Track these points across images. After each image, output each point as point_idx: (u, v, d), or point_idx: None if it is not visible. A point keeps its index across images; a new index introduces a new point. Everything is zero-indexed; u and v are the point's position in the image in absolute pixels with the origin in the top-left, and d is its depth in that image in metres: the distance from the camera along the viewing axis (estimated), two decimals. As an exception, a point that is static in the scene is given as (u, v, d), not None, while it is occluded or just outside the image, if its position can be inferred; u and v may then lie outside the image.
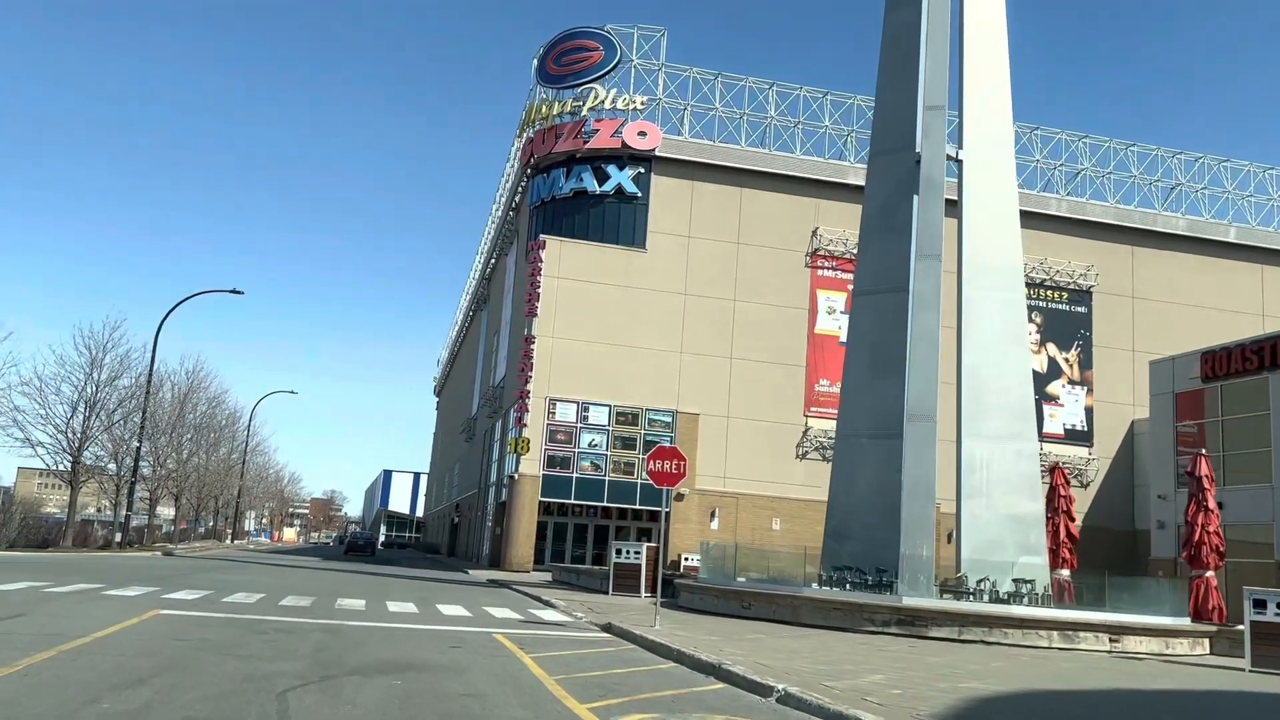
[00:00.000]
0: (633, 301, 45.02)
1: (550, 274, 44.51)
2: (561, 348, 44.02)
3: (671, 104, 46.57)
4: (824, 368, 46.49)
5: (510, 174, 58.32)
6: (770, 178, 47.02)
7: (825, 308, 47.09)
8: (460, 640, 13.26)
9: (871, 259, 24.02)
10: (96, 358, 39.56)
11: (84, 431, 39.49)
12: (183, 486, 58.98)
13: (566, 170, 46.75)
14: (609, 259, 45.36)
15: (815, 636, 16.12)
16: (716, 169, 46.61)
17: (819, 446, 45.69)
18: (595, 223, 46.36)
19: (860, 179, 48.98)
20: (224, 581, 22.80)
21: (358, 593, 21.73)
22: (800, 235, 47.16)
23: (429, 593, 23.64)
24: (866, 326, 23.65)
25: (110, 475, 46.03)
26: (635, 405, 44.38)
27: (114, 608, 14.52)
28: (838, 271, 47.34)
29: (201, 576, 24.50)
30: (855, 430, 23.40)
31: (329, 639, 12.42)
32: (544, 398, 43.60)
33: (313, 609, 16.64)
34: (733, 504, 44.59)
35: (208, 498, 69.51)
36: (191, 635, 11.87)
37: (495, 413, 54.20)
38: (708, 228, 46.29)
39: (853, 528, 22.59)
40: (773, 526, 44.73)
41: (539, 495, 43.11)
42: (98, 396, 39.67)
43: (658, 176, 46.23)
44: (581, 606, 20.24)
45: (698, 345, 45.18)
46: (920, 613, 17.14)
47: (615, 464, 43.92)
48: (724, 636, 14.92)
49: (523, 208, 52.96)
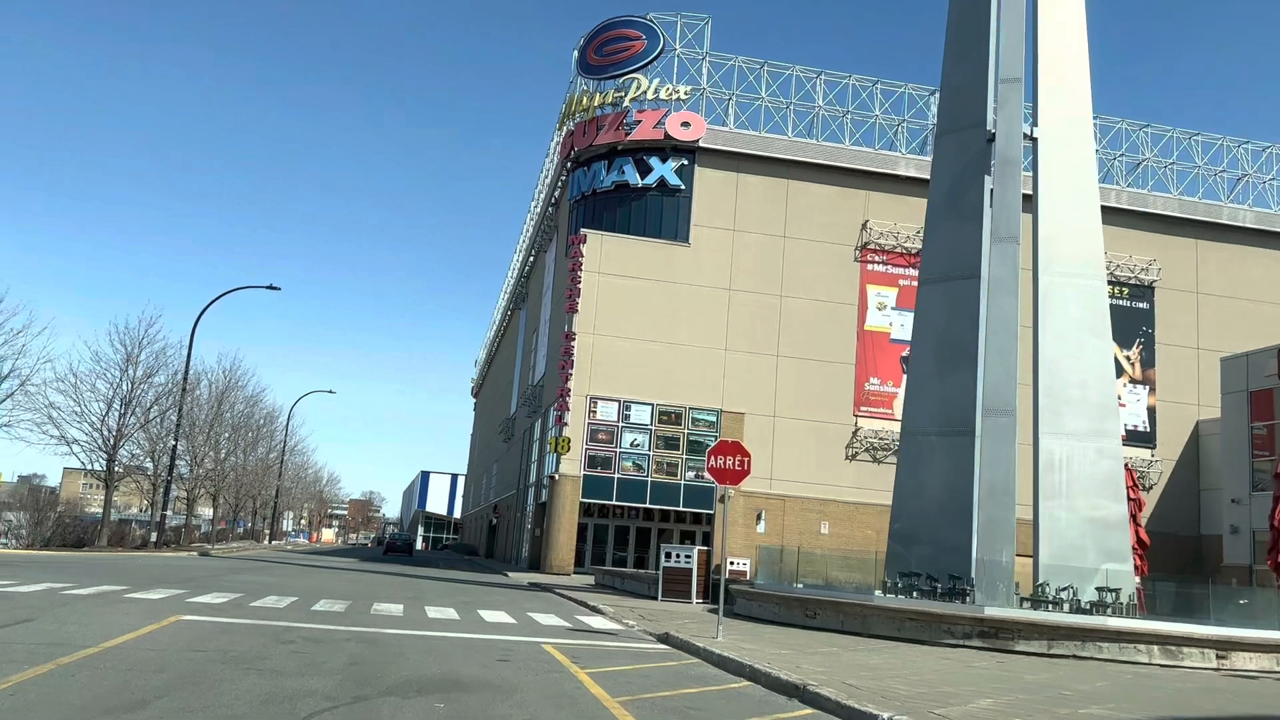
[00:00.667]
0: (675, 297, 43.70)
1: (591, 269, 43.31)
2: (603, 345, 42.80)
3: (716, 94, 45.20)
4: (874, 365, 44.87)
5: (549, 169, 57.25)
6: (818, 169, 45.49)
7: (875, 303, 45.45)
8: (508, 652, 12.02)
9: (939, 244, 22.51)
10: (132, 354, 39.02)
11: (119, 429, 38.89)
12: (220, 486, 58.53)
13: (608, 163, 45.53)
14: (651, 253, 44.07)
15: (891, 650, 14.69)
16: (762, 160, 45.16)
17: (869, 448, 44.10)
18: (637, 216, 45.11)
19: (912, 170, 47.51)
20: (256, 584, 21.78)
21: (395, 596, 20.60)
22: (849, 229, 45.56)
23: (469, 597, 22.49)
24: (934, 316, 22.15)
25: (147, 474, 45.50)
26: (678, 404, 43.05)
27: (132, 612, 13.46)
28: (888, 266, 45.71)
29: (233, 578, 23.52)
30: (921, 427, 21.91)
31: (363, 650, 11.23)
32: (585, 396, 42.40)
33: (347, 615, 15.49)
34: (779, 506, 43.10)
35: (245, 498, 69.15)
36: (211, 645, 10.72)
37: (534, 412, 53.12)
38: (753, 221, 44.85)
39: (920, 531, 21.11)
40: (821, 530, 43.18)
41: (580, 496, 41.91)
42: (133, 394, 39.10)
43: (701, 168, 44.88)
44: (631, 613, 18.95)
45: (743, 342, 43.76)
46: (1005, 624, 15.64)
47: (658, 464, 42.60)
48: (794, 649, 13.54)
49: (562, 202, 51.85)
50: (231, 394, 55.70)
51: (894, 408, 44.72)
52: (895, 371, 45.04)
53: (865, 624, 16.71)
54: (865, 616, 16.78)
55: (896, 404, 44.75)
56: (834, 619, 17.17)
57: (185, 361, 40.93)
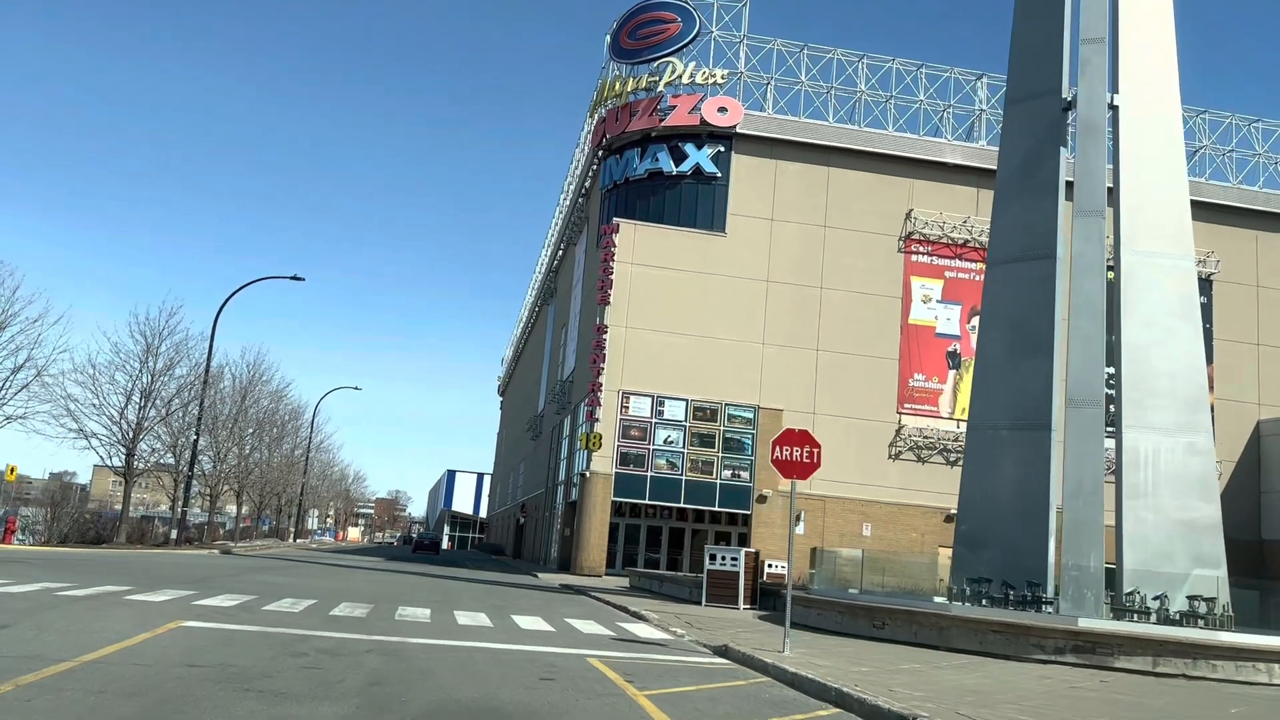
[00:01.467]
0: (711, 288, 42.04)
1: (623, 259, 41.74)
2: (635, 338, 41.22)
3: (754, 78, 43.49)
4: (918, 361, 42.99)
5: (580, 158, 55.74)
6: (860, 156, 43.67)
7: (920, 296, 43.57)
8: (551, 668, 10.45)
9: (1010, 222, 20.73)
10: (152, 345, 37.84)
11: (139, 423, 37.76)
12: (244, 483, 57.46)
13: (641, 150, 43.94)
14: (686, 243, 42.44)
15: (978, 667, 13.00)
16: (802, 147, 43.41)
17: (913, 447, 42.23)
18: (671, 205, 43.48)
19: (958, 157, 45.59)
20: (273, 584, 20.36)
21: (421, 599, 19.11)
22: (892, 218, 43.71)
23: (500, 600, 20.97)
24: (1004, 300, 20.37)
25: (169, 470, 44.40)
26: (714, 400, 41.39)
27: (128, 617, 12.01)
28: (933, 257, 43.81)
29: (250, 578, 22.13)
30: (991, 421, 20.15)
31: (386, 665, 9.70)
32: (617, 391, 40.83)
33: (368, 621, 13.99)
34: (819, 507, 41.32)
35: (270, 495, 68.15)
36: (209, 659, 9.22)
37: (563, 409, 51.63)
38: (792, 210, 43.11)
39: (990, 534, 19.36)
40: (863, 532, 41.37)
41: (611, 495, 40.33)
42: (153, 386, 37.93)
43: (738, 155, 43.19)
44: (677, 620, 17.33)
45: (781, 336, 42.03)
46: (1103, 639, 13.89)
47: (693, 463, 40.96)
48: (874, 666, 11.88)
49: (593, 192, 50.33)
50: (256, 388, 54.60)
51: (939, 405, 42.88)
52: (940, 367, 43.19)
53: (942, 636, 15.00)
54: (942, 628, 15.06)
55: (942, 401, 42.91)
56: (905, 630, 15.46)
57: (207, 353, 39.76)
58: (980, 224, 43.81)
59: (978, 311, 45.55)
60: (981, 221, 43.87)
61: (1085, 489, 17.55)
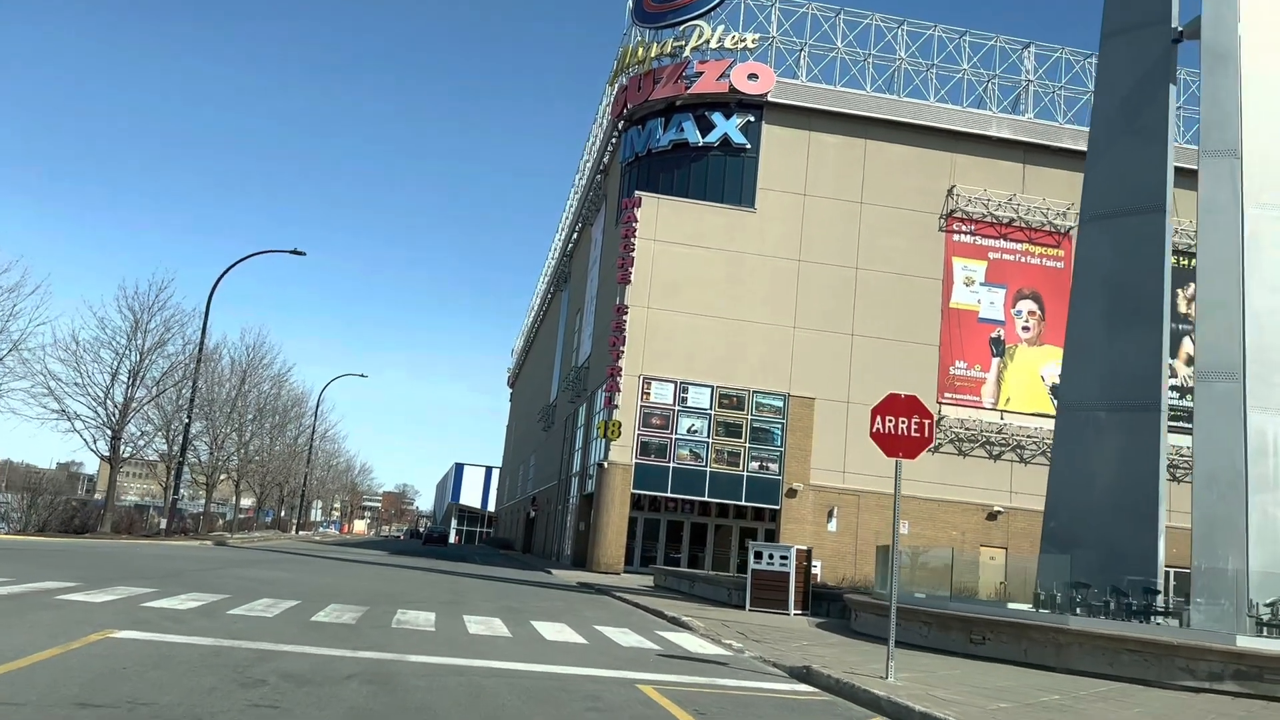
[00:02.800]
0: (739, 268, 39.29)
1: (645, 236, 39.01)
2: (657, 320, 38.50)
3: (786, 44, 40.68)
4: (960, 347, 40.16)
5: (598, 133, 53.01)
6: (899, 128, 40.83)
7: (962, 278, 40.73)
8: (594, 702, 7.77)
9: (1108, 171, 17.98)
10: (141, 321, 35.22)
11: (126, 404, 35.18)
12: (243, 472, 54.94)
13: (665, 120, 41.18)
14: (712, 219, 39.69)
15: (1126, 696, 10.28)
16: (837, 117, 40.60)
17: (954, 439, 39.41)
18: (697, 179, 40.72)
19: (1005, 131, 42.68)
20: (254, 581, 17.72)
21: (425, 600, 16.43)
22: (933, 194, 40.87)
23: (515, 601, 18.30)
24: (1101, 261, 17.62)
25: (162, 455, 41.85)
26: (741, 386, 38.64)
27: (45, 624, 9.36)
28: (977, 237, 40.96)
29: (231, 573, 19.50)
30: (1085, 401, 17.39)
31: (370, 701, 7.03)
32: (637, 376, 38.12)
33: (359, 629, 11.32)
34: (853, 502, 38.57)
35: (272, 485, 65.64)
36: (118, 692, 6.55)
37: (578, 396, 48.95)
38: (826, 184, 40.31)
39: (1084, 531, 16.63)
40: (900, 530, 38.50)
41: (631, 487, 37.63)
42: (142, 365, 35.33)
43: (769, 126, 40.39)
44: (726, 629, 14.64)
45: (814, 319, 39.25)
46: (1274, 663, 11.13)
47: (718, 453, 38.23)
48: (1014, 701, 9.15)
49: (613, 167, 47.60)
50: (256, 372, 52.02)
51: (981, 395, 40.06)
52: (983, 354, 40.35)
53: (1060, 655, 12.26)
54: (1060, 645, 12.31)
55: (984, 391, 40.10)
56: (1012, 647, 12.71)
57: (202, 329, 37.17)
58: (1027, 202, 41.01)
59: (1023, 295, 42.86)
60: (1028, 199, 41.06)
61: (1220, 479, 14.75)
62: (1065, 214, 40.95)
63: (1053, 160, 41.52)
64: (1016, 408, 40.11)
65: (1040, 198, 41.08)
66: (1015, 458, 39.82)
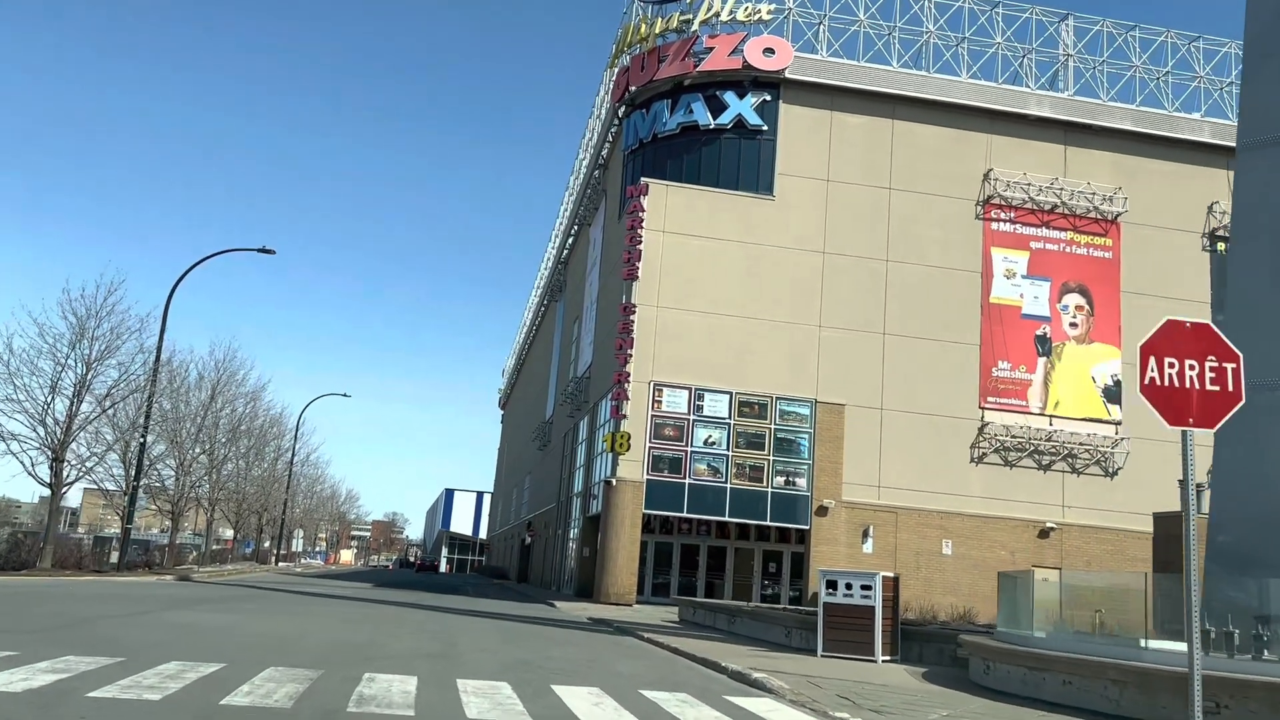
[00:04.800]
0: (758, 261, 35.46)
1: (654, 227, 35.17)
2: (669, 320, 34.60)
3: (804, 16, 37.04)
4: (1002, 346, 36.31)
5: (595, 127, 49.27)
6: (929, 106, 37.19)
7: (1002, 270, 36.93)
8: None
9: (1271, 87, 14.10)
10: (87, 327, 31.08)
11: (69, 420, 30.99)
12: (215, 499, 50.58)
13: (672, 102, 37.44)
14: (727, 208, 35.89)
15: None
16: (861, 95, 36.92)
17: (999, 448, 35.50)
18: (709, 165, 36.93)
19: (1045, 109, 38.94)
20: (183, 631, 13.60)
21: (405, 654, 12.34)
22: (968, 179, 37.18)
23: (522, 647, 14.21)
24: (1273, 199, 13.72)
25: (115, 479, 37.56)
26: (763, 392, 34.71)
27: None
28: (1017, 225, 37.22)
29: (158, 620, 15.35)
30: (1262, 378, 13.42)
31: None
32: (647, 382, 34.15)
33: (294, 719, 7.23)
34: (890, 520, 34.55)
35: (248, 513, 61.19)
36: None
37: (578, 410, 44.89)
38: (851, 169, 36.59)
39: (1266, 547, 12.68)
40: (943, 550, 34.60)
41: (642, 506, 33.54)
42: (88, 376, 31.16)
43: (788, 105, 36.69)
44: (821, 690, 10.59)
45: (841, 317, 35.41)
46: None
47: (739, 468, 34.21)
48: None
49: (613, 159, 43.82)
50: (229, 388, 47.81)
51: (1027, 399, 36.18)
52: (1028, 354, 36.50)
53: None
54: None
55: (1030, 394, 36.22)
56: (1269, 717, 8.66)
57: (159, 334, 33.08)
58: (1070, 186, 37.34)
59: (1070, 288, 39.03)
60: (1071, 184, 37.40)
61: None
62: (1112, 199, 37.33)
63: (1096, 141, 37.91)
64: (1066, 412, 36.23)
65: (1084, 182, 37.43)
66: (1066, 468, 35.90)
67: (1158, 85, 38.49)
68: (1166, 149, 38.17)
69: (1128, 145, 38.05)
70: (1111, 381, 36.60)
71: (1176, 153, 38.25)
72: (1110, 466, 35.99)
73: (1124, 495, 35.52)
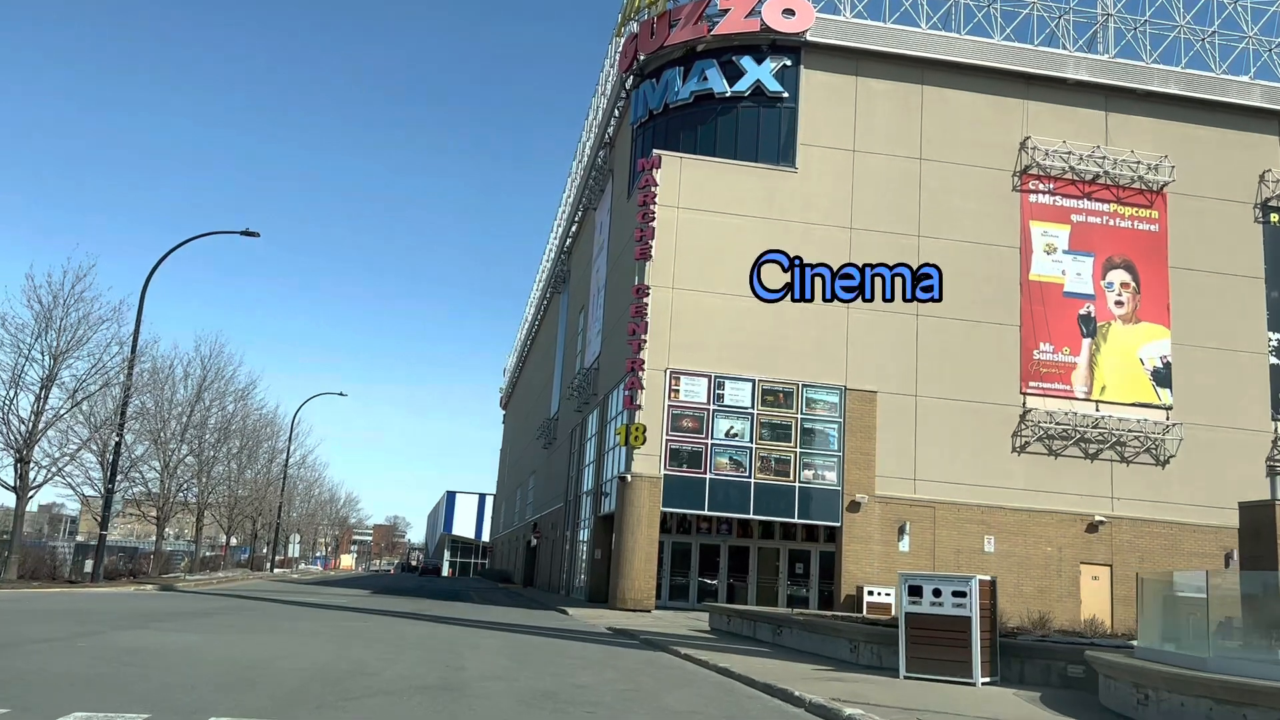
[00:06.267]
0: (780, 237, 32.58)
1: (667, 202, 32.61)
2: (685, 302, 32.04)
3: (825, -26, 34.51)
4: (1044, 326, 33.74)
5: (600, 105, 46.68)
6: (961, 71, 34.64)
7: (1042, 245, 34.37)
8: None
9: None
10: (52, 316, 28.50)
11: (35, 418, 28.43)
12: (204, 502, 47.98)
13: (684, 69, 34.88)
14: (746, 181, 33.33)
15: None
16: (888, 59, 34.37)
17: (1043, 436, 32.92)
18: (725, 136, 34.37)
19: (1083, 73, 36.25)
20: (127, 656, 11.08)
21: (397, 686, 9.80)
22: (1004, 148, 34.63)
23: (542, 672, 11.67)
24: None
25: (94, 482, 34.96)
26: (788, 379, 32.15)
27: None
28: (1057, 197, 34.65)
29: (106, 642, 12.85)
30: None
31: None
32: (663, 370, 31.59)
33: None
34: (927, 516, 31.98)
35: (241, 518, 58.55)
36: None
37: (586, 404, 42.33)
38: (878, 138, 34.03)
39: None
40: (985, 547, 32.02)
41: (660, 504, 30.96)
42: (54, 369, 28.57)
43: (809, 71, 34.14)
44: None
45: (870, 297, 32.71)
46: None
47: (763, 461, 31.64)
48: None
49: (621, 137, 41.26)
50: (217, 384, 45.18)
51: (1071, 383, 33.61)
52: (1072, 335, 33.94)
53: None
54: None
55: (1075, 378, 33.66)
56: None
57: (135, 323, 30.52)
58: (1113, 155, 34.77)
59: (1114, 264, 36.42)
60: (1115, 151, 34.83)
61: None
62: (1157, 168, 34.77)
63: (1139, 106, 35.36)
64: (1113, 397, 33.66)
65: (1127, 150, 34.86)
66: (1115, 457, 33.32)
67: (1203, 46, 35.93)
68: (1214, 114, 35.64)
69: (1173, 110, 35.50)
70: (1161, 363, 34.03)
71: (1225, 118, 35.72)
72: (1162, 454, 33.41)
73: (1178, 485, 33.00)
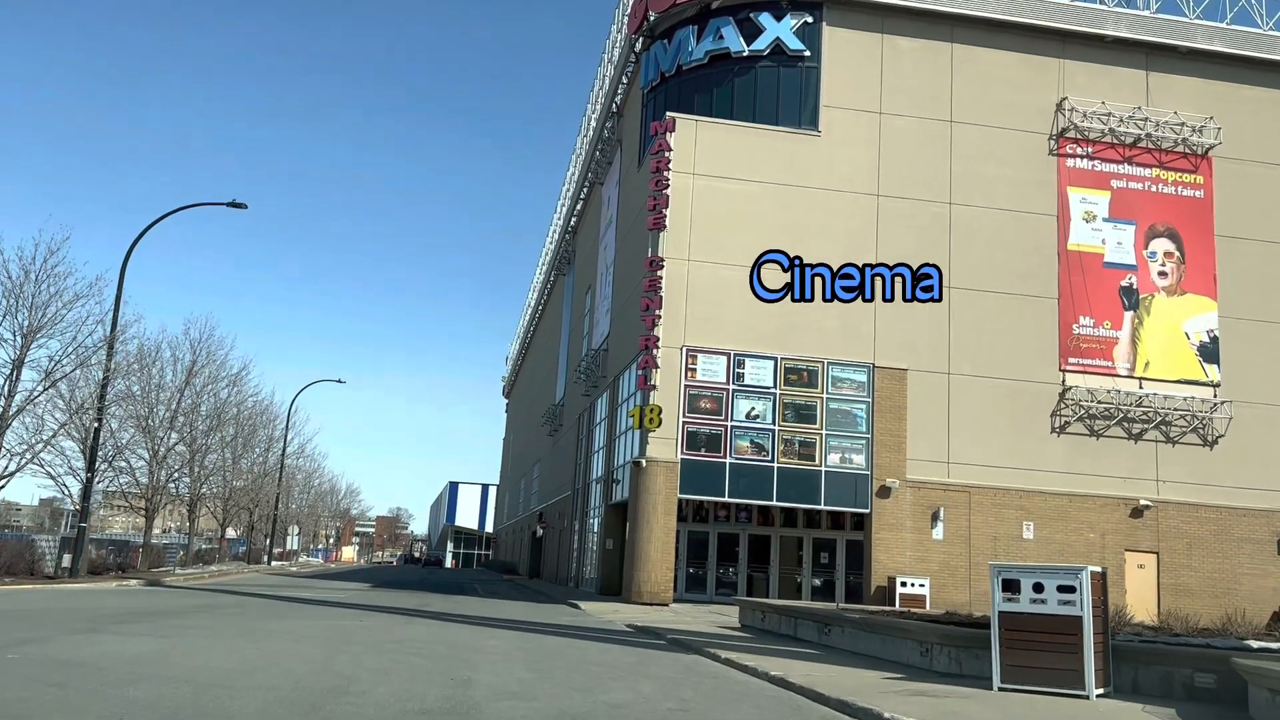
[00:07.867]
0: (802, 205, 30.81)
1: (682, 169, 30.55)
2: (702, 276, 30.01)
3: (848, -75, 32.32)
4: (1084, 299, 31.70)
5: (608, 74, 44.53)
6: (992, 27, 32.52)
7: (1081, 213, 32.29)
8: None
9: None
10: (24, 292, 26.47)
11: (6, 401, 26.42)
12: (196, 493, 46.05)
13: (698, 28, 32.76)
14: (765, 145, 31.25)
15: None
16: (916, 15, 32.25)
17: (1083, 415, 30.90)
18: (743, 98, 32.26)
19: (1123, 29, 33.65)
20: (45, 676, 9.16)
21: (385, 711, 7.77)
22: (1040, 110, 32.53)
23: (566, 685, 9.71)
24: None
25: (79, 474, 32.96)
26: (813, 357, 30.13)
27: None
28: (1095, 162, 32.55)
29: (50, 651, 10.94)
30: None
31: None
32: (679, 348, 29.58)
33: None
34: (962, 501, 29.99)
35: (237, 509, 56.62)
36: None
37: (595, 387, 40.34)
38: (906, 100, 31.93)
39: None
40: (1024, 534, 30.04)
41: (677, 490, 28.98)
42: (25, 348, 26.54)
43: (832, 28, 32.01)
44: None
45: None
46: None
47: (786, 444, 29.64)
48: None
49: (630, 103, 39.16)
50: (209, 368, 43.18)
51: (1113, 359, 31.58)
52: (1113, 308, 31.89)
53: None
54: None
55: (1117, 354, 31.63)
56: None
57: (115, 299, 28.53)
58: (1155, 116, 32.67)
59: (1157, 233, 34.30)
60: (1156, 112, 32.73)
61: None
62: (1202, 130, 32.68)
63: (1182, 65, 33.24)
64: (1157, 374, 31.63)
65: (1170, 111, 32.75)
66: (1160, 437, 31.30)
67: (1249, 1, 33.80)
68: (1262, 73, 33.54)
69: (1218, 70, 33.38)
70: (1208, 337, 31.99)
71: (1273, 77, 33.62)
72: (1210, 434, 31.39)
73: (1227, 467, 31.01)
